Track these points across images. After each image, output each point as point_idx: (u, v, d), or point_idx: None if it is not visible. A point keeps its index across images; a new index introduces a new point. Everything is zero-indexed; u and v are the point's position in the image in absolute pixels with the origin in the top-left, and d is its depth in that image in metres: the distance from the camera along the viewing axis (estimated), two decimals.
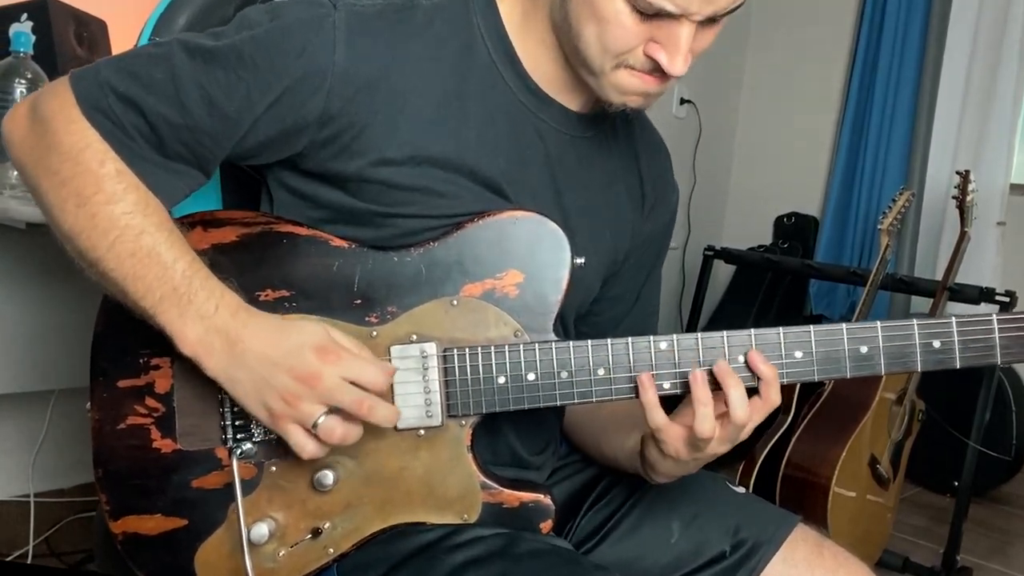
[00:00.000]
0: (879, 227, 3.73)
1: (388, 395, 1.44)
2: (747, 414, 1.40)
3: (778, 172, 5.94)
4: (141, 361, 1.48)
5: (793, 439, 3.49)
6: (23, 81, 2.23)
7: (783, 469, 3.47)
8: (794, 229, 5.68)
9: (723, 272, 5.51)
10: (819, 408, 3.55)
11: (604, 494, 1.74)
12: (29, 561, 2.99)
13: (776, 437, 3.53)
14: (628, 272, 1.80)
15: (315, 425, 1.35)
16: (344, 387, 1.35)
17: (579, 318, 1.75)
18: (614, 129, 1.69)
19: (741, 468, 3.55)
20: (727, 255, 4.79)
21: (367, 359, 1.39)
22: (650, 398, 1.43)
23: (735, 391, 1.40)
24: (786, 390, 3.49)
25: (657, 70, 1.43)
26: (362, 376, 1.36)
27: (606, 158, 1.69)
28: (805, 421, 3.53)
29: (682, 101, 5.52)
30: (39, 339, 2.87)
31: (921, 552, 3.96)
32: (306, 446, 1.37)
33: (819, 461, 3.42)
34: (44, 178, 1.40)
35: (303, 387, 1.34)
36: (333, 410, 1.35)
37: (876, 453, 3.56)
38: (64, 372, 2.90)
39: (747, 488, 2.70)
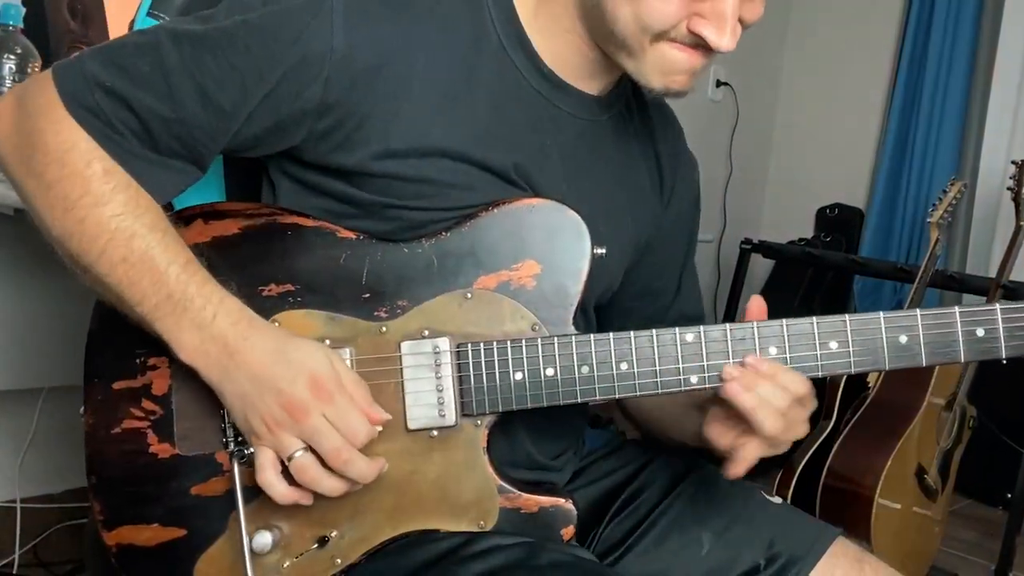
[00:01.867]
0: (928, 220, 3.73)
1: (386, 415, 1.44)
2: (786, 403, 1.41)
3: (821, 160, 5.92)
4: (138, 361, 1.49)
5: (835, 447, 3.49)
6: (12, 57, 2.23)
7: (824, 479, 3.46)
8: (837, 222, 5.67)
9: (761, 267, 5.50)
10: (863, 414, 3.54)
11: (630, 502, 1.75)
12: (15, 571, 3.00)
13: (816, 444, 3.53)
14: (663, 262, 1.83)
15: (290, 458, 1.37)
16: (327, 432, 1.36)
17: (617, 313, 1.79)
18: (628, 109, 1.70)
19: (779, 477, 3.54)
20: (765, 249, 4.79)
21: (357, 405, 1.39)
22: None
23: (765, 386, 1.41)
24: (828, 394, 3.50)
25: (701, 44, 1.43)
26: (345, 425, 1.37)
27: (624, 139, 1.71)
28: (848, 427, 3.52)
29: (718, 83, 5.52)
30: (27, 333, 2.87)
31: (971, 569, 3.97)
32: (265, 471, 1.39)
33: (862, 471, 3.42)
34: (29, 180, 1.41)
35: (287, 417, 1.36)
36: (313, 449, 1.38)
37: (923, 462, 3.56)
38: (54, 369, 2.91)
39: (785, 499, 2.70)
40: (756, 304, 1.48)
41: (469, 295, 1.49)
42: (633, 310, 1.82)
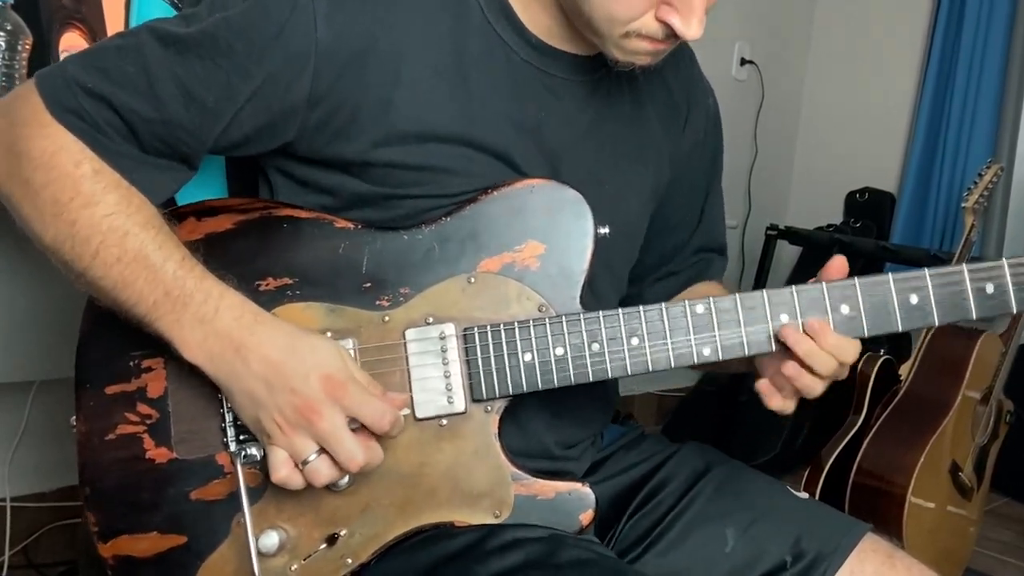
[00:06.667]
0: (963, 205, 3.73)
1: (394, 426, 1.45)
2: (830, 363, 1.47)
3: (850, 142, 5.90)
4: (131, 364, 1.50)
5: (864, 443, 3.48)
6: (2, 34, 2.23)
7: (853, 476, 3.45)
8: (868, 206, 5.65)
9: (788, 254, 5.50)
10: (894, 408, 3.54)
11: (651, 497, 1.75)
12: (4, 573, 3.00)
13: (846, 440, 3.52)
14: (682, 196, 1.87)
15: (304, 462, 1.38)
16: (341, 436, 1.37)
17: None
18: None
19: (806, 475, 3.53)
20: (792, 235, 4.79)
21: (374, 396, 1.40)
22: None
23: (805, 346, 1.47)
24: (858, 387, 3.49)
25: (671, 35, 1.47)
26: (365, 414, 1.38)
27: (627, 85, 1.73)
28: (878, 422, 3.51)
29: (743, 62, 5.50)
30: (18, 325, 2.87)
31: (1008, 570, 3.96)
32: (280, 470, 1.39)
33: (894, 468, 3.40)
34: (18, 188, 1.42)
35: (300, 418, 1.36)
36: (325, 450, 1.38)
37: (958, 459, 3.55)
38: (46, 361, 2.91)
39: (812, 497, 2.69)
40: (838, 263, 1.54)
41: (472, 279, 1.51)
42: (650, 245, 1.86)
